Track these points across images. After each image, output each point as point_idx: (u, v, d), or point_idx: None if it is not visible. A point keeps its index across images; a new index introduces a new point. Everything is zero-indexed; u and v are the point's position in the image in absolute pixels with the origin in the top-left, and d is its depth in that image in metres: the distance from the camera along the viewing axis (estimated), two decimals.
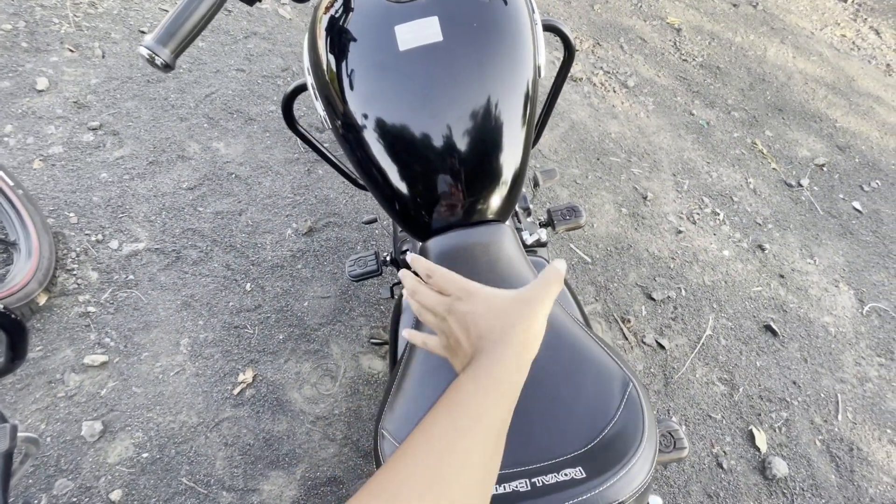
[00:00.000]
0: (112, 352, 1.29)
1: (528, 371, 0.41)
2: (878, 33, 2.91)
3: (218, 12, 0.61)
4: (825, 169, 2.16)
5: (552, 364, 0.58)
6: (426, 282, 0.51)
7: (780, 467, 1.36)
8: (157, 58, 0.55)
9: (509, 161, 0.68)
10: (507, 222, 0.71)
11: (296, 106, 0.84)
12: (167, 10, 2.09)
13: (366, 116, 0.67)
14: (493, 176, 0.68)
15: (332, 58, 0.69)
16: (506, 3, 0.68)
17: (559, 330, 0.60)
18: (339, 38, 0.69)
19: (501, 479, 0.50)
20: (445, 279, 0.49)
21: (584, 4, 2.61)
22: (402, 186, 0.69)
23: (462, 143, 0.66)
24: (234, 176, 1.67)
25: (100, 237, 1.46)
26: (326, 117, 0.73)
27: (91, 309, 1.34)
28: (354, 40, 0.68)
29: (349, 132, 0.69)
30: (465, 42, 0.64)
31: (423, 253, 0.68)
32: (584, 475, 0.48)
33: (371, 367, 1.38)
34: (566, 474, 0.49)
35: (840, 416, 1.49)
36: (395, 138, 0.66)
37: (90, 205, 1.52)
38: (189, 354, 1.31)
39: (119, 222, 1.50)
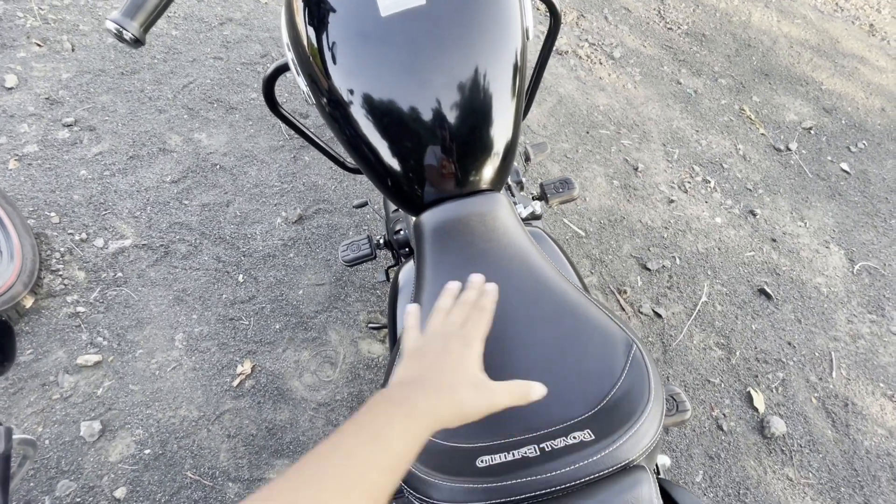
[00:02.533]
0: (105, 351, 1.27)
1: (424, 437, 0.39)
2: None
3: None
4: (812, 132, 2.16)
5: (554, 327, 0.57)
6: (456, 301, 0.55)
7: (778, 426, 1.39)
8: (125, 32, 0.52)
9: (501, 128, 0.66)
10: (502, 191, 0.69)
11: (277, 92, 0.81)
12: None
13: (351, 91, 0.65)
14: (485, 144, 0.66)
15: (311, 31, 0.66)
16: None
17: (561, 295, 0.60)
18: (318, 10, 0.66)
19: (510, 446, 0.49)
20: (478, 318, 0.52)
21: None
22: (394, 161, 0.67)
23: (451, 113, 0.64)
24: (218, 167, 1.63)
25: (84, 236, 1.42)
26: (311, 95, 0.70)
27: (80, 309, 1.31)
28: (333, 10, 0.65)
29: (336, 109, 0.67)
30: (449, 5, 0.62)
31: (417, 227, 0.66)
32: (593, 437, 0.48)
33: (370, 351, 1.38)
34: (575, 437, 0.48)
35: (834, 374, 1.52)
36: (382, 112, 0.64)
37: (71, 203, 1.47)
38: (185, 349, 1.30)
39: (103, 220, 1.46)
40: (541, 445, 0.48)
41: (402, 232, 0.97)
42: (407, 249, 0.98)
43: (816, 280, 1.72)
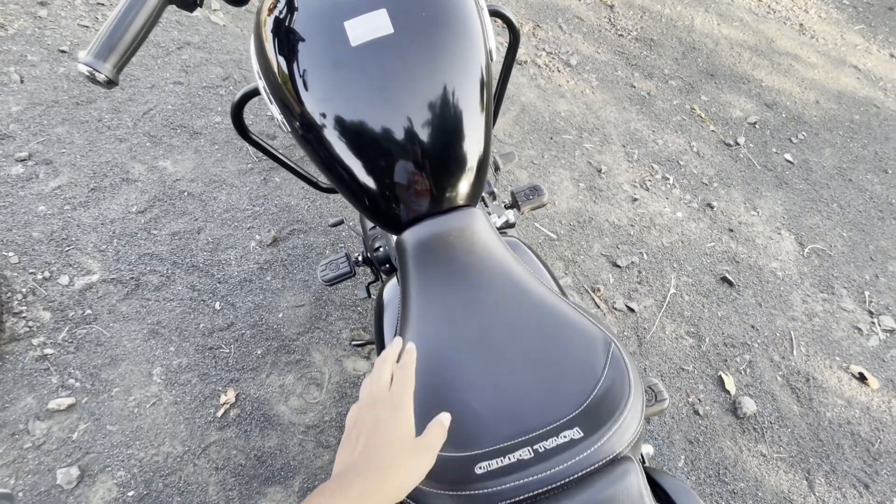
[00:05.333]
0: (79, 392, 1.22)
1: None
2: None
3: (158, 21, 0.58)
4: (757, 126, 2.31)
5: (536, 333, 0.60)
6: (388, 364, 0.54)
7: (749, 406, 1.47)
8: (98, 74, 0.52)
9: (472, 145, 0.70)
10: (478, 206, 0.72)
11: (244, 115, 0.82)
12: (87, 26, 1.97)
13: (324, 115, 0.67)
14: (458, 161, 0.69)
15: (282, 60, 0.68)
16: None
17: (538, 300, 0.63)
18: (288, 39, 0.68)
19: (506, 451, 0.52)
20: (401, 376, 0.51)
21: None
22: (370, 182, 0.69)
23: (424, 133, 0.66)
24: (186, 194, 1.60)
25: (47, 274, 1.37)
26: (284, 121, 0.72)
27: (48, 351, 1.26)
28: (303, 40, 0.67)
29: (309, 132, 0.69)
30: (416, 32, 0.65)
31: (399, 246, 0.69)
32: (582, 434, 0.51)
33: (356, 368, 1.38)
34: (565, 436, 0.51)
35: (795, 352, 1.63)
36: (357, 134, 0.66)
37: (31, 241, 1.42)
38: (164, 383, 1.26)
39: (66, 256, 1.41)
40: (534, 447, 0.51)
41: (381, 249, 0.99)
42: (388, 266, 1.00)
43: (772, 265, 1.83)
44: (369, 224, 1.11)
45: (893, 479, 1.42)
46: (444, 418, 0.51)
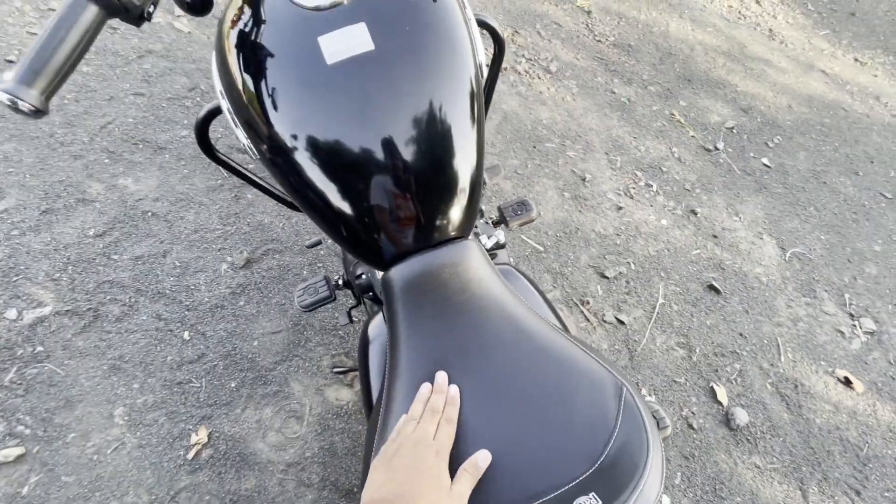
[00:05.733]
0: (29, 440, 1.10)
1: None
2: (758, 2, 3.19)
3: (95, 39, 0.50)
4: (735, 131, 2.33)
5: (541, 380, 0.55)
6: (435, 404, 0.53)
7: (741, 416, 1.45)
8: (21, 102, 0.44)
9: (464, 169, 0.64)
10: (471, 236, 0.66)
11: (211, 128, 0.74)
12: (36, 33, 1.83)
13: (296, 138, 0.60)
14: (449, 187, 0.63)
15: (248, 77, 0.61)
16: (435, 0, 0.63)
17: (543, 342, 0.57)
18: (254, 55, 0.60)
19: None
20: (446, 427, 0.51)
21: None
22: (350, 211, 0.62)
23: (411, 157, 0.60)
24: (150, 214, 1.49)
25: None
26: (250, 144, 0.64)
27: None
28: (272, 56, 0.60)
29: (278, 156, 0.61)
30: (399, 48, 0.58)
31: (385, 284, 0.62)
32: (600, 502, 0.45)
33: (339, 398, 1.30)
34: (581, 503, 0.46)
35: (782, 358, 1.62)
36: (333, 158, 0.59)
37: None
38: (127, 425, 1.15)
39: (14, 287, 1.28)
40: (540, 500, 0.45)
41: (364, 276, 0.92)
42: (371, 294, 0.92)
43: (756, 270, 1.83)
44: None
45: (883, 483, 1.42)
46: (482, 459, 0.49)
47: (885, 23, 3.42)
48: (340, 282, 1.05)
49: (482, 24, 0.76)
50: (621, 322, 1.58)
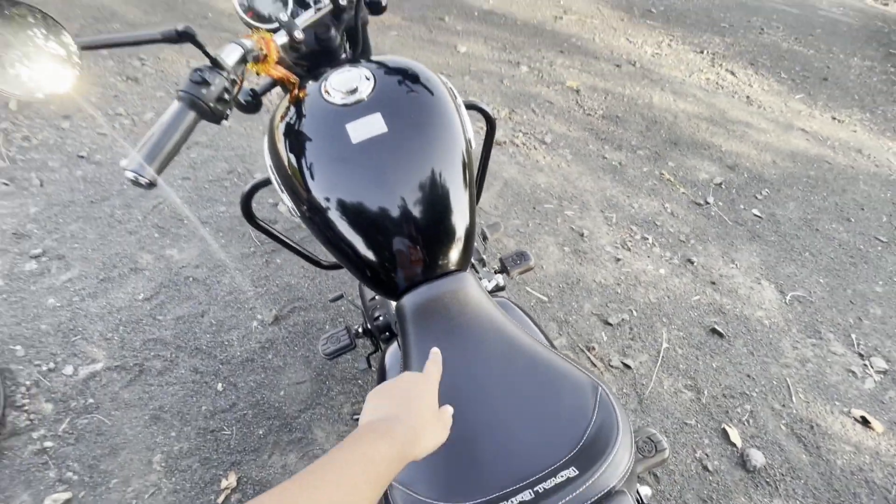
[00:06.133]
0: (76, 486, 1.19)
1: (402, 464, 0.45)
2: (733, 74, 3.52)
3: (191, 133, 0.70)
4: (723, 186, 2.50)
5: (529, 383, 0.66)
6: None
7: (757, 458, 1.45)
8: (141, 178, 0.62)
9: (460, 218, 0.80)
10: (468, 270, 0.81)
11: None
12: (104, 134, 2.17)
13: (328, 200, 0.77)
14: (448, 233, 0.79)
15: (292, 156, 0.80)
16: (432, 94, 0.83)
17: (529, 353, 0.69)
18: (297, 139, 0.80)
19: (507, 496, 0.55)
20: (431, 366, 0.59)
21: (494, 81, 2.98)
22: (371, 255, 0.77)
23: (417, 211, 0.77)
24: (191, 279, 1.68)
25: (51, 365, 1.39)
26: (293, 206, 0.82)
27: (48, 444, 1.25)
28: (310, 139, 0.80)
29: (315, 215, 0.78)
30: (406, 130, 0.77)
31: (399, 310, 0.75)
32: (577, 472, 0.55)
33: None
34: (562, 476, 0.55)
35: (794, 399, 1.64)
36: (358, 215, 0.76)
37: (38, 334, 1.46)
38: (164, 470, 1.24)
39: (72, 346, 1.44)
40: (534, 489, 0.55)
41: (381, 318, 1.05)
42: (388, 333, 1.05)
43: (757, 314, 1.90)
44: (369, 295, 1.18)
45: None
46: (448, 409, 0.56)
47: (858, 85, 3.70)
48: (360, 330, 1.18)
49: (474, 107, 0.96)
50: (627, 366, 1.64)
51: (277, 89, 0.89)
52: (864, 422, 1.60)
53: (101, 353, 1.44)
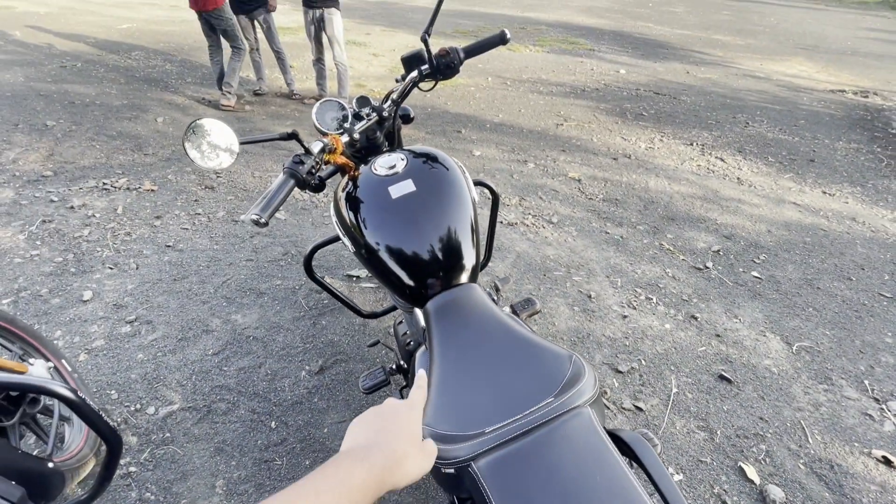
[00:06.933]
0: None
1: (378, 493, 0.44)
2: (723, 160, 3.93)
3: (291, 193, 1.06)
4: (721, 253, 2.73)
5: (521, 356, 0.89)
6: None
7: (777, 494, 1.49)
8: (260, 219, 0.97)
9: (467, 251, 1.10)
10: (476, 283, 1.08)
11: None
12: (187, 228, 2.66)
13: (377, 242, 1.10)
14: (459, 256, 1.09)
15: (351, 213, 1.15)
16: (447, 168, 1.20)
17: (521, 337, 0.93)
18: (355, 201, 1.16)
19: (508, 424, 0.77)
20: (417, 391, 0.59)
21: (505, 175, 3.47)
22: (406, 278, 1.07)
23: (438, 246, 1.08)
24: (251, 338, 1.98)
25: (138, 406, 1.66)
26: (352, 247, 1.15)
27: (132, 469, 1.46)
28: (363, 201, 1.15)
29: (369, 254, 1.11)
30: (430, 189, 1.12)
31: (425, 313, 1.03)
32: (553, 398, 0.77)
33: None
34: (544, 402, 0.77)
35: (811, 440, 1.69)
36: (398, 251, 1.08)
37: (128, 381, 1.75)
38: (224, 493, 1.42)
39: (154, 391, 1.72)
40: (523, 413, 0.76)
41: (412, 343, 1.31)
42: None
43: (765, 362, 2.00)
44: (401, 331, 1.45)
45: None
46: (431, 442, 0.55)
47: (846, 164, 4.02)
48: (394, 367, 1.43)
49: (481, 183, 1.33)
50: (640, 409, 1.76)
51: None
52: (888, 462, 1.62)
53: (177, 396, 1.71)
